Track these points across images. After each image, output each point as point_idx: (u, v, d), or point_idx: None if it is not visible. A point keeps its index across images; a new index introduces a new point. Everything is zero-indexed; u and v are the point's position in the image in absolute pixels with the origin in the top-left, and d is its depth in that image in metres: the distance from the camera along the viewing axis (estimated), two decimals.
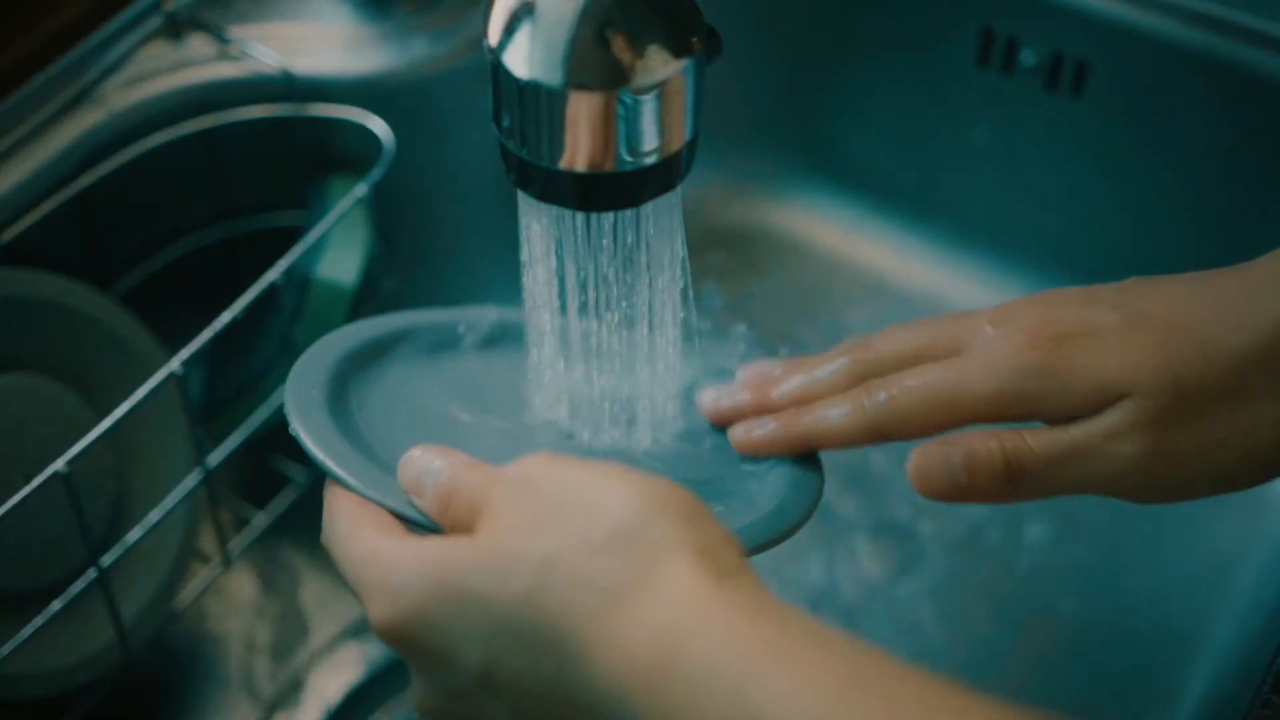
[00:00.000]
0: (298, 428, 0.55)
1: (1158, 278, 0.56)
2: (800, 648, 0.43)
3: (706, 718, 0.42)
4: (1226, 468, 0.53)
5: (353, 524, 0.51)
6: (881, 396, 0.54)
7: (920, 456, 0.54)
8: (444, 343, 0.63)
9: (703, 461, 0.60)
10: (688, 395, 0.61)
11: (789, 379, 0.58)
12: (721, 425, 0.60)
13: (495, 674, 0.46)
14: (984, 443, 0.53)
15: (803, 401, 0.57)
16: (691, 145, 0.52)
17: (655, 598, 0.44)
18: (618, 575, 0.44)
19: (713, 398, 0.60)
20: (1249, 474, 0.54)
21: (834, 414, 0.55)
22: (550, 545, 0.45)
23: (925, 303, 0.99)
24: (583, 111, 0.49)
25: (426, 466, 0.51)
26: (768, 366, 0.60)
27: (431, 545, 0.48)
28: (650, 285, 0.57)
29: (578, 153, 0.50)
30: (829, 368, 0.57)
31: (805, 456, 0.58)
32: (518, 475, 0.48)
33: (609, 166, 0.50)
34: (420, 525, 0.51)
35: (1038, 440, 0.53)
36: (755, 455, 0.58)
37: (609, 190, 0.51)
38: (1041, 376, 0.53)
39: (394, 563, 0.48)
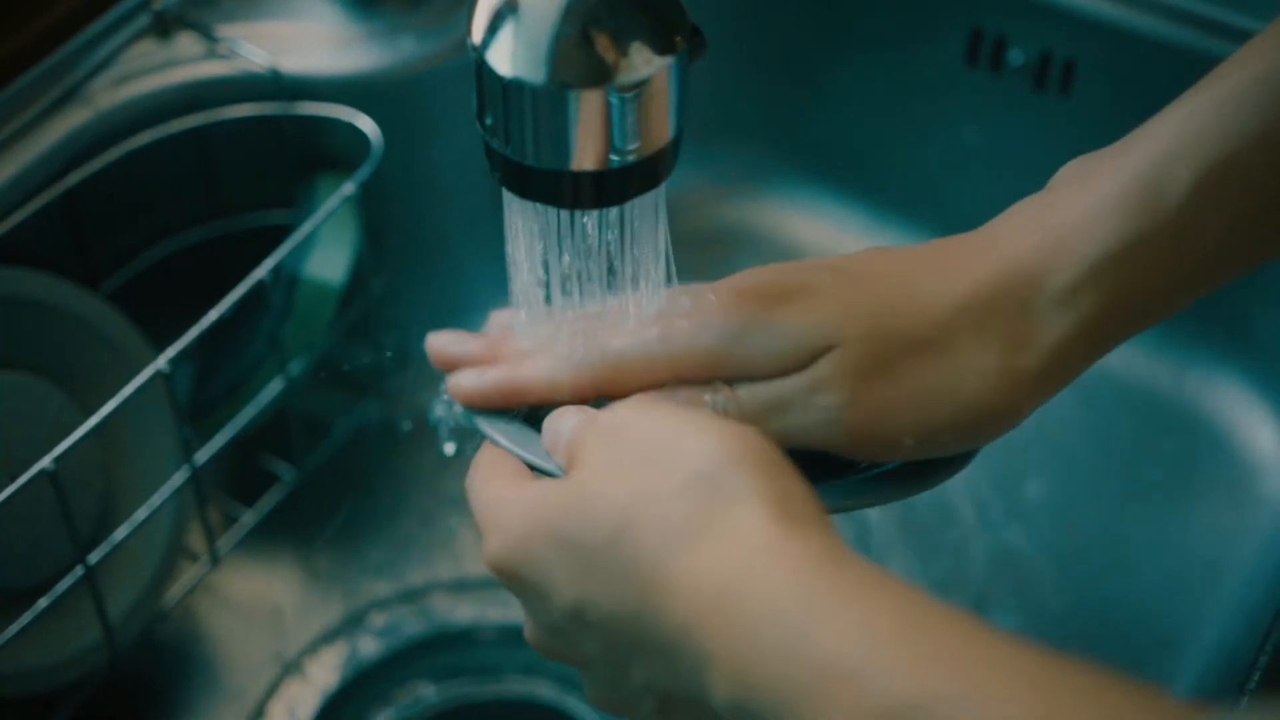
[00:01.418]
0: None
1: (899, 247, 0.56)
2: (858, 592, 0.44)
3: (765, 655, 0.43)
4: (929, 420, 0.53)
5: (486, 472, 0.54)
6: (601, 353, 0.55)
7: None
8: None
9: None
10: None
11: (525, 334, 0.58)
12: (448, 370, 0.59)
13: (586, 610, 0.48)
14: (693, 395, 0.54)
15: (519, 356, 0.57)
16: (676, 143, 0.52)
17: (725, 540, 0.46)
18: (693, 518, 0.46)
19: (441, 342, 0.59)
20: (954, 430, 0.54)
21: (554, 366, 0.55)
22: (633, 489, 0.48)
23: None
24: (566, 109, 0.49)
25: (562, 423, 0.54)
26: (510, 315, 0.59)
27: (535, 488, 0.51)
28: (635, 283, 0.57)
29: (561, 151, 0.50)
30: (553, 327, 0.57)
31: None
32: (609, 422, 0.51)
33: (593, 164, 0.50)
34: (550, 475, 0.53)
35: (745, 392, 0.54)
36: (467, 405, 0.57)
37: (593, 188, 0.51)
38: (747, 333, 0.53)
39: (506, 504, 0.51)
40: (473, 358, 0.58)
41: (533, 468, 0.54)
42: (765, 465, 0.48)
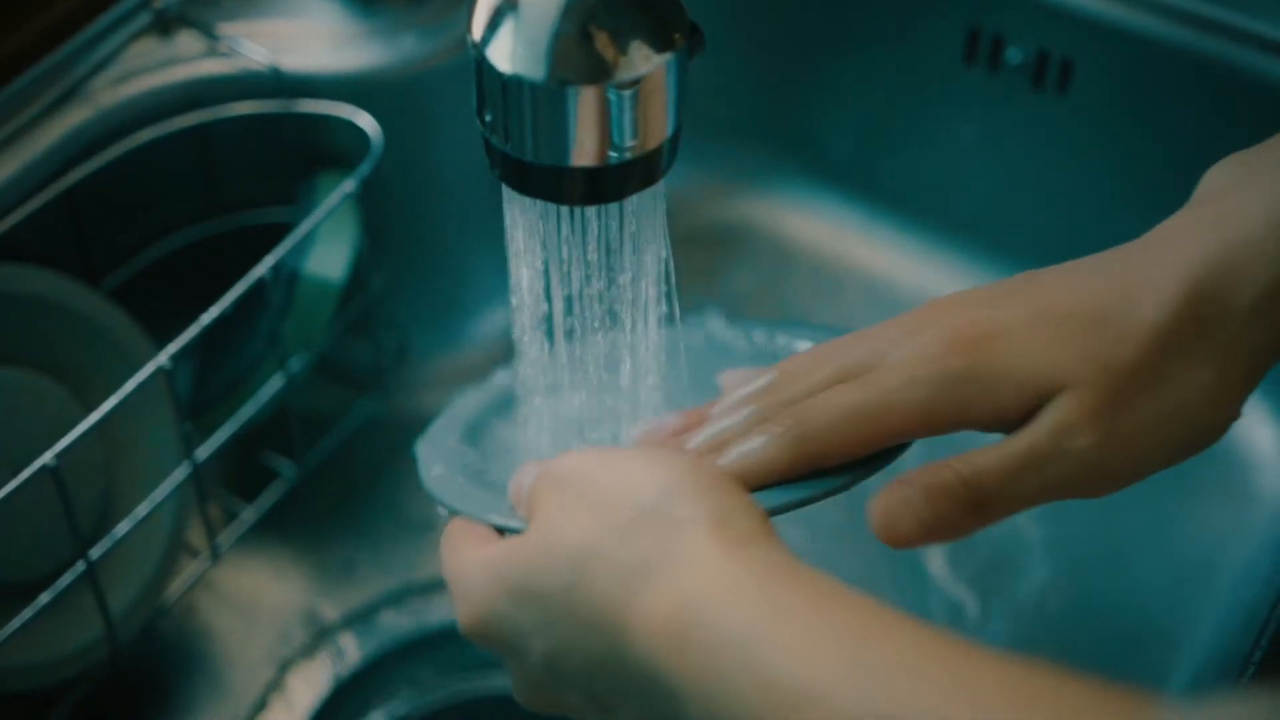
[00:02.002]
0: (422, 471, 0.61)
1: (1050, 267, 0.55)
2: (806, 606, 0.44)
3: (723, 680, 0.44)
4: (1170, 442, 0.53)
5: (453, 541, 0.55)
6: (797, 423, 0.53)
7: (881, 504, 0.52)
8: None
9: None
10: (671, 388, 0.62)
11: (697, 434, 0.56)
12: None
13: (560, 661, 0.49)
14: (936, 472, 0.52)
15: (716, 449, 0.55)
16: (674, 140, 0.53)
17: (675, 572, 0.46)
18: (643, 554, 0.47)
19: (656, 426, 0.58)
20: (1191, 447, 0.54)
21: (751, 448, 0.53)
22: (584, 534, 0.48)
23: (911, 300, 0.99)
24: (565, 106, 0.49)
25: (522, 477, 0.54)
26: (670, 421, 0.58)
27: (495, 549, 0.51)
28: (634, 280, 0.58)
29: (560, 147, 0.50)
30: (738, 415, 0.55)
31: None
32: (557, 470, 0.51)
33: (592, 161, 0.51)
34: (516, 532, 0.54)
35: (988, 456, 0.52)
36: None
37: (592, 184, 0.52)
38: (965, 382, 0.51)
39: (469, 568, 0.52)
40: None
41: (500, 529, 0.54)
42: (706, 487, 0.48)
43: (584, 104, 0.49)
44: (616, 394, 0.62)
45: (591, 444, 0.62)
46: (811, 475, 0.53)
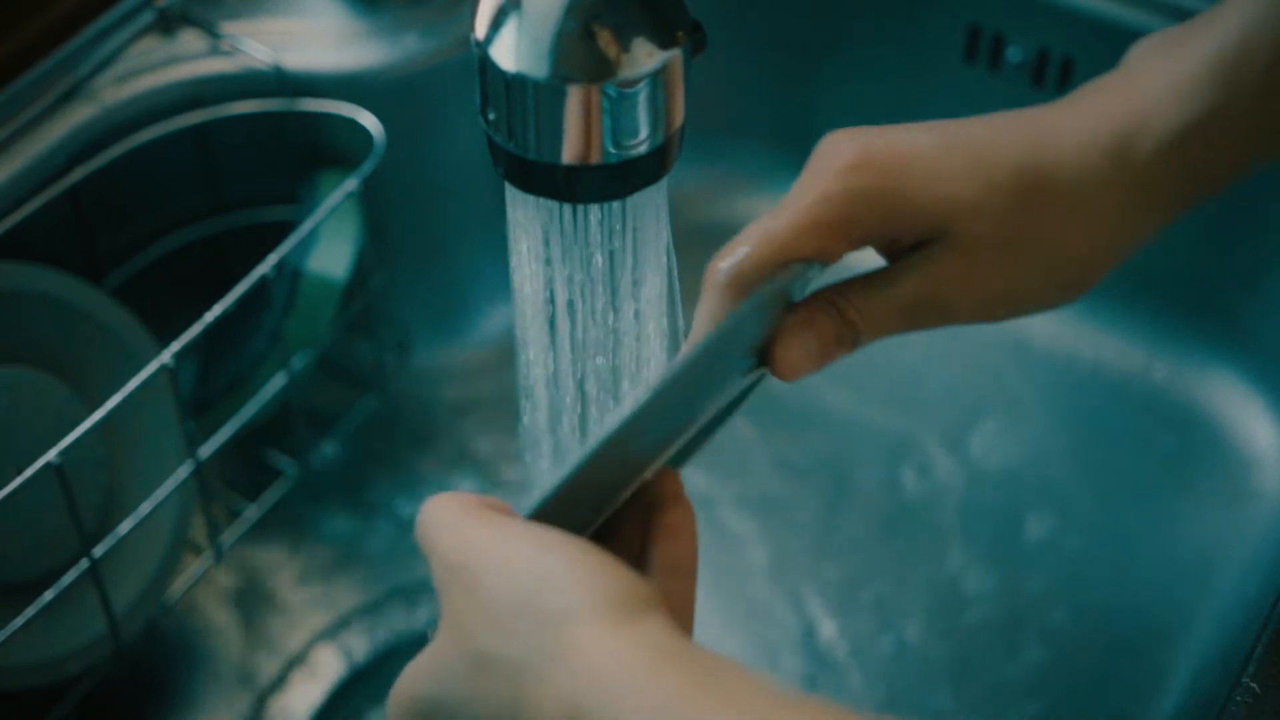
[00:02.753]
0: None
1: (975, 116, 0.56)
2: (698, 689, 0.43)
3: None
4: (1048, 289, 0.55)
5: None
6: (727, 262, 0.54)
7: (783, 349, 0.54)
8: None
9: None
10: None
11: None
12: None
13: None
14: (825, 314, 0.54)
15: None
16: (677, 138, 0.53)
17: (562, 666, 0.45)
18: (527, 653, 0.45)
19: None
20: (1065, 294, 0.55)
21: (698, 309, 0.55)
22: (475, 637, 0.46)
23: None
24: (568, 104, 0.49)
25: (426, 518, 0.52)
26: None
27: (411, 665, 0.50)
28: (637, 278, 0.58)
29: (563, 145, 0.50)
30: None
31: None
32: (447, 552, 0.49)
33: (595, 158, 0.51)
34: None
35: (873, 303, 0.54)
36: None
37: (594, 182, 0.52)
38: (870, 200, 0.53)
39: (395, 687, 0.50)
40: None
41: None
42: (588, 570, 0.46)
43: (587, 102, 0.49)
44: (618, 393, 0.62)
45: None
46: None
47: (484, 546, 0.48)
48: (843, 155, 0.54)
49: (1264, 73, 0.54)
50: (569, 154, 0.51)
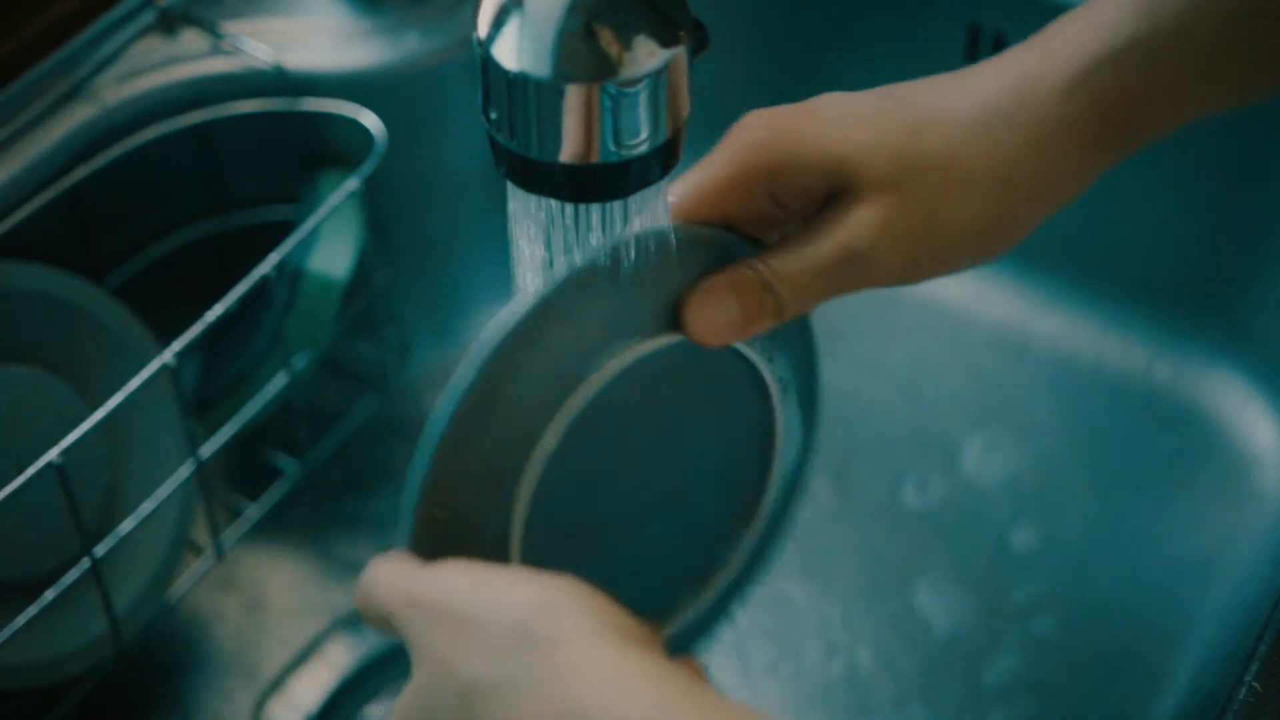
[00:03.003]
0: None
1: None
2: (697, 711, 0.44)
3: None
4: (968, 246, 0.55)
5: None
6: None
7: (694, 306, 0.54)
8: None
9: None
10: None
11: None
12: None
13: None
14: (742, 273, 0.54)
15: None
16: (678, 138, 0.53)
17: (558, 683, 0.45)
18: (522, 673, 0.46)
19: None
20: (986, 248, 0.55)
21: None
22: (469, 668, 0.47)
23: (911, 298, 1.00)
24: (570, 103, 0.49)
25: (372, 589, 0.55)
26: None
27: (400, 700, 0.51)
28: None
29: (565, 144, 0.50)
30: None
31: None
32: (424, 602, 0.50)
33: (596, 158, 0.51)
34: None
35: (788, 263, 0.54)
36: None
37: (596, 181, 0.52)
38: (764, 147, 0.54)
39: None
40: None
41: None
42: (582, 602, 0.47)
43: (588, 101, 0.49)
44: None
45: None
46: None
47: (468, 588, 0.49)
48: (747, 122, 0.55)
49: (1185, 3, 0.53)
50: (570, 153, 0.51)
